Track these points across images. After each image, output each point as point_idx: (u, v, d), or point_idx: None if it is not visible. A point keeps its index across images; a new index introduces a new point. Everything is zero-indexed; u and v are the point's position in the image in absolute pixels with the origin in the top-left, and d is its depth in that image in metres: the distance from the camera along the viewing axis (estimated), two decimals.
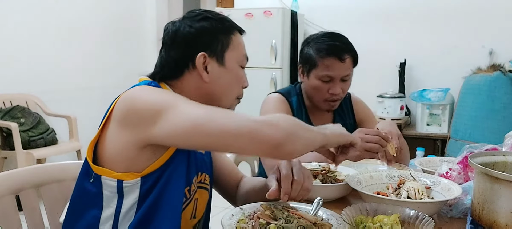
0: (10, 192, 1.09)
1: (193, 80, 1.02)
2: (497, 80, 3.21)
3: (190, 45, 1.02)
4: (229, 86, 1.06)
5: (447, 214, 1.05)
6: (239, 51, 1.07)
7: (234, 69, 1.06)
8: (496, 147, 1.18)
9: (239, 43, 1.08)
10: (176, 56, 1.03)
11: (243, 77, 1.09)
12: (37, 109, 3.55)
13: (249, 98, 1.27)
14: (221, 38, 1.03)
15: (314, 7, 4.14)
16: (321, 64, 1.54)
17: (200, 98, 1.00)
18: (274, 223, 0.88)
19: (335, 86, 1.54)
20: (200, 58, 1.00)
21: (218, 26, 1.04)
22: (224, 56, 1.03)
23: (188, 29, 1.02)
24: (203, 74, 1.01)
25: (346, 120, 1.72)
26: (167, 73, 1.03)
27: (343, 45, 1.57)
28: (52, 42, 3.71)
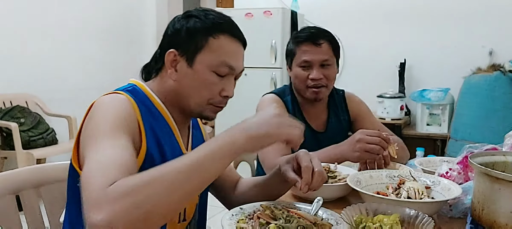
0: (10, 192, 1.09)
1: (167, 78, 1.01)
2: (497, 80, 3.21)
3: (166, 42, 1.02)
4: (194, 90, 0.99)
5: (447, 214, 1.05)
6: (216, 56, 0.98)
7: (203, 74, 0.98)
8: (496, 147, 1.18)
9: (221, 47, 0.99)
10: (158, 52, 1.04)
11: (218, 85, 1.00)
12: (37, 109, 3.55)
13: (249, 98, 1.28)
14: (197, 38, 0.98)
15: (314, 7, 4.14)
16: (299, 51, 1.61)
17: (172, 97, 1.02)
18: (274, 223, 0.88)
19: (314, 71, 1.58)
20: (170, 55, 0.99)
21: (198, 26, 0.99)
22: (194, 58, 0.98)
23: (171, 27, 1.02)
24: (169, 71, 0.99)
25: (340, 116, 1.74)
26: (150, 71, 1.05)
27: (318, 32, 1.62)
28: (52, 42, 3.71)
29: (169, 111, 1.03)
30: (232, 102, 1.09)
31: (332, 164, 1.33)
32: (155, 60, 1.05)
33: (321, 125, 1.71)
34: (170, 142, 1.01)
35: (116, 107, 0.91)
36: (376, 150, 1.30)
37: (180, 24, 1.01)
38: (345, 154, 1.36)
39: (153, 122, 0.98)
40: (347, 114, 1.76)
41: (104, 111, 0.90)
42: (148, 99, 1.00)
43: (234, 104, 1.76)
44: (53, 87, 3.72)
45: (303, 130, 0.85)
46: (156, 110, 1.00)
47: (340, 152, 1.38)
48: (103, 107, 0.91)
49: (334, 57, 1.63)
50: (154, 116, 0.99)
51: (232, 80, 1.04)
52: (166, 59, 0.99)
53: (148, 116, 0.97)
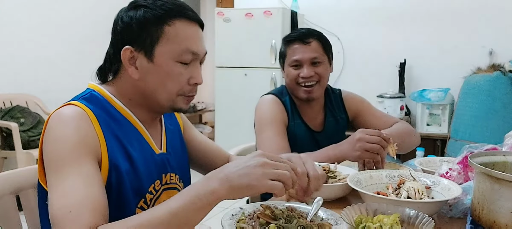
0: (10, 192, 1.09)
1: (128, 77, 0.94)
2: (497, 80, 3.21)
3: (118, 38, 0.93)
4: (160, 85, 0.93)
5: (447, 214, 1.05)
6: (176, 45, 0.92)
7: (166, 66, 0.92)
8: (496, 147, 1.18)
9: (178, 34, 0.92)
10: (111, 49, 0.96)
11: (184, 74, 0.94)
12: (37, 109, 3.56)
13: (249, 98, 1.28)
14: (150, 30, 0.91)
15: (314, 7, 4.14)
16: (289, 51, 1.64)
17: (138, 96, 0.96)
18: (274, 223, 0.88)
19: (304, 69, 1.59)
20: (126, 52, 0.91)
21: (149, 15, 0.91)
22: (153, 51, 0.91)
23: (120, 21, 0.94)
24: (130, 70, 0.92)
25: (337, 115, 1.74)
26: (108, 68, 0.98)
27: (307, 31, 1.65)
28: (52, 42, 3.71)
29: (133, 113, 0.97)
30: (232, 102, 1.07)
31: (332, 164, 1.33)
32: (110, 61, 0.97)
33: (318, 124, 1.71)
34: (139, 146, 0.97)
35: (73, 128, 0.85)
36: (376, 149, 1.30)
37: (128, 16, 0.93)
38: (345, 153, 1.36)
39: (115, 128, 0.93)
40: (345, 113, 1.76)
41: (60, 135, 0.85)
42: (108, 104, 0.95)
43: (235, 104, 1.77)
44: (53, 87, 3.72)
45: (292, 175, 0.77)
46: (118, 114, 0.95)
47: (339, 151, 1.38)
48: (59, 130, 0.86)
49: (325, 55, 1.63)
50: (117, 122, 0.94)
51: (198, 65, 0.98)
52: (123, 57, 0.92)
53: (109, 123, 0.92)
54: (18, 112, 3.35)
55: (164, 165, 1.03)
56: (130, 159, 0.93)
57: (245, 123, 3.49)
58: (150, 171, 0.98)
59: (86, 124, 0.87)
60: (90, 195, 0.79)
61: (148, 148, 1.00)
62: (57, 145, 0.84)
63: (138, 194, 0.94)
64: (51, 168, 0.84)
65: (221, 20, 3.94)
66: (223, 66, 3.97)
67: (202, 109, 5.85)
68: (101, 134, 0.89)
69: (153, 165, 0.99)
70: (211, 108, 5.85)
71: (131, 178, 0.93)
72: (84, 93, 0.97)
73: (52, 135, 0.86)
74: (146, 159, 0.97)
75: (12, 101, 3.43)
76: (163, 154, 1.03)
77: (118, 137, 0.92)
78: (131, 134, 0.96)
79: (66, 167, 0.82)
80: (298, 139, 1.62)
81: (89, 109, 0.90)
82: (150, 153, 0.99)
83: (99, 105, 0.93)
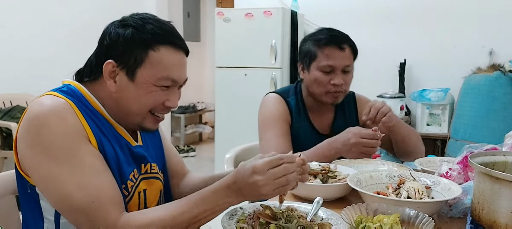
0: (10, 192, 1.09)
1: (105, 87, 0.97)
2: (497, 80, 3.21)
3: (103, 50, 0.97)
4: (135, 101, 0.96)
5: (447, 214, 1.05)
6: (158, 71, 0.94)
7: (145, 88, 0.95)
8: (496, 147, 1.18)
9: (162, 61, 0.94)
10: (95, 58, 0.99)
11: (161, 96, 0.97)
12: None
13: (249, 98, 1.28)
14: (135, 51, 0.94)
15: (314, 7, 4.14)
16: (321, 54, 1.53)
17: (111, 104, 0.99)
18: (274, 223, 0.88)
19: (336, 76, 1.52)
20: (108, 66, 0.95)
21: (136, 37, 0.94)
22: (135, 72, 0.94)
23: (109, 34, 0.97)
24: (108, 82, 0.95)
25: (347, 118, 1.71)
26: (87, 73, 1.00)
27: (341, 35, 1.57)
28: (52, 42, 3.71)
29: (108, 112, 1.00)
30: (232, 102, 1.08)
31: (332, 164, 1.33)
32: (91, 68, 1.00)
33: (326, 127, 1.68)
34: (115, 138, 0.99)
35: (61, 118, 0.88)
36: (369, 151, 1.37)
37: (117, 33, 0.96)
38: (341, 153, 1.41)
39: (95, 119, 0.96)
40: (356, 115, 1.73)
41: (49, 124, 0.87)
42: (84, 99, 0.97)
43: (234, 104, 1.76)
44: (53, 87, 3.72)
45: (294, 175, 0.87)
46: (95, 110, 0.98)
47: (334, 149, 1.41)
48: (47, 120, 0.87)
49: (353, 63, 1.59)
50: (95, 115, 0.97)
51: (176, 90, 1.01)
52: (104, 70, 0.95)
53: (89, 114, 0.95)
54: (18, 112, 3.35)
55: (143, 156, 1.06)
56: (111, 145, 0.97)
57: (245, 123, 3.49)
58: (128, 161, 1.01)
59: (70, 113, 0.91)
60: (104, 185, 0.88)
61: (124, 140, 1.02)
62: (50, 137, 0.87)
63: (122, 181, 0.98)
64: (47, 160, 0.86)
65: (221, 20, 3.94)
66: (223, 66, 3.97)
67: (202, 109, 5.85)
68: (86, 124, 0.92)
69: (130, 156, 1.02)
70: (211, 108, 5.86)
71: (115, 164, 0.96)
72: (60, 87, 1.00)
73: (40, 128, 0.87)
74: (123, 149, 1.01)
75: (12, 101, 3.44)
76: (139, 146, 1.06)
77: (98, 126, 0.96)
78: (107, 128, 0.99)
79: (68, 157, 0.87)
80: (303, 141, 1.59)
81: (69, 99, 0.93)
82: (126, 145, 1.02)
83: (76, 98, 0.95)
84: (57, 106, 0.90)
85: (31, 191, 0.95)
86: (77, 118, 0.91)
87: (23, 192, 0.97)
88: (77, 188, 0.86)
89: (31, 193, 0.95)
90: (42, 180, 0.89)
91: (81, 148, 0.89)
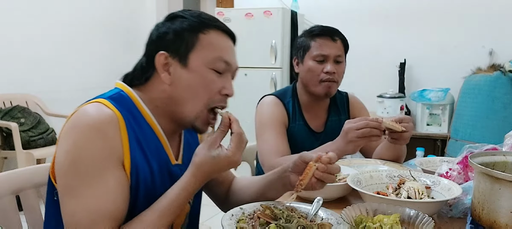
0: (10, 192, 1.09)
1: (159, 84, 0.96)
2: (497, 80, 3.21)
3: (154, 46, 0.96)
4: (192, 91, 0.94)
5: (447, 214, 1.05)
6: (210, 52, 0.95)
7: (200, 71, 0.94)
8: (496, 147, 1.18)
9: (212, 43, 0.96)
10: (143, 59, 0.99)
11: (217, 83, 0.96)
12: (37, 109, 3.56)
13: (249, 98, 1.28)
14: (186, 37, 0.94)
15: (314, 7, 4.14)
16: (314, 44, 1.62)
17: (165, 104, 0.97)
18: (274, 223, 0.88)
19: (329, 65, 1.59)
20: (160, 57, 0.94)
21: (185, 25, 0.95)
22: (188, 57, 0.94)
23: (156, 31, 0.98)
24: (163, 75, 0.94)
25: (341, 116, 1.74)
26: (137, 77, 0.99)
27: (333, 29, 1.66)
28: (52, 42, 3.71)
29: (157, 121, 0.98)
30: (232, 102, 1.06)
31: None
32: (142, 69, 0.98)
33: (320, 125, 1.71)
34: (158, 155, 0.97)
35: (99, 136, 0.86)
36: (367, 132, 1.33)
37: (166, 26, 0.97)
38: (342, 148, 1.37)
39: (139, 132, 0.93)
40: (348, 115, 1.76)
41: (86, 141, 0.85)
42: (135, 108, 0.95)
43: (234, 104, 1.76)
44: (53, 87, 3.72)
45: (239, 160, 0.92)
46: (143, 120, 0.96)
47: (336, 148, 1.39)
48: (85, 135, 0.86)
49: (344, 56, 1.67)
50: (141, 127, 0.94)
51: (230, 77, 1.00)
52: (157, 62, 0.94)
53: (134, 126, 0.93)
54: (18, 112, 3.35)
55: (178, 176, 1.00)
56: (150, 167, 0.94)
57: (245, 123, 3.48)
58: (164, 181, 0.98)
59: (113, 129, 0.88)
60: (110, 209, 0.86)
61: (165, 157, 0.99)
62: (83, 151, 0.85)
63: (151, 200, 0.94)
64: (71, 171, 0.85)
65: (221, 20, 3.93)
66: None
67: None
68: (126, 139, 0.89)
69: (167, 175, 0.99)
70: None
71: (147, 185, 0.94)
72: (112, 92, 0.97)
73: (76, 139, 0.86)
74: (162, 168, 0.98)
75: (12, 101, 3.43)
76: (178, 165, 1.03)
77: (140, 142, 0.93)
78: (151, 141, 0.96)
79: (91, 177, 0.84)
80: (299, 141, 1.62)
81: (117, 110, 0.90)
82: (165, 162, 0.99)
83: (126, 107, 0.93)
84: (101, 120, 0.87)
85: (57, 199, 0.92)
86: (118, 134, 0.88)
87: (50, 199, 0.96)
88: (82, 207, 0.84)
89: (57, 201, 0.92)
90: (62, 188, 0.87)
91: (109, 171, 0.86)
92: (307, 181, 0.94)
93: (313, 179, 0.94)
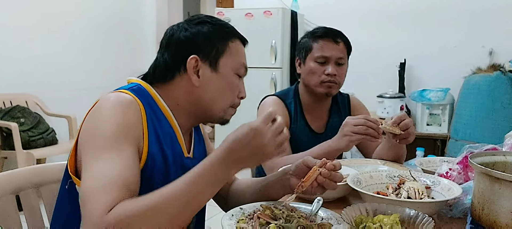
0: (10, 192, 1.09)
1: (184, 84, 1.01)
2: (497, 80, 3.21)
3: (183, 48, 1.01)
4: (220, 93, 1.03)
5: (447, 214, 1.05)
6: (236, 59, 1.04)
7: (228, 76, 1.03)
8: (496, 147, 1.18)
9: (238, 51, 1.05)
10: (169, 59, 1.02)
11: (239, 87, 1.06)
12: (37, 109, 3.55)
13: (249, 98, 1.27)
14: (216, 43, 1.01)
15: (314, 7, 4.14)
16: (316, 46, 1.62)
17: (189, 103, 1.02)
18: (274, 223, 0.88)
19: (330, 67, 1.60)
20: (192, 61, 0.99)
21: (215, 31, 1.02)
22: (218, 62, 1.01)
23: (184, 32, 1.02)
24: (193, 77, 1.00)
25: (341, 117, 1.73)
26: (158, 76, 1.03)
27: (336, 31, 1.66)
28: (52, 42, 3.71)
29: (175, 117, 1.03)
30: None
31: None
32: (165, 68, 1.02)
33: (321, 126, 1.71)
34: (172, 146, 1.01)
35: (120, 112, 0.90)
36: (363, 130, 1.34)
37: (195, 30, 1.02)
38: (337, 143, 1.39)
39: (157, 124, 0.98)
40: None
41: (107, 115, 0.89)
42: (154, 102, 1.00)
43: None
44: (53, 87, 3.72)
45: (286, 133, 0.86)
46: (161, 113, 1.00)
47: (332, 142, 1.41)
48: (107, 110, 0.90)
49: (346, 59, 1.66)
50: (159, 119, 0.99)
51: (243, 82, 1.09)
52: (188, 66, 0.99)
53: (152, 118, 0.97)
54: (18, 112, 3.35)
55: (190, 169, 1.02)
56: (164, 157, 0.98)
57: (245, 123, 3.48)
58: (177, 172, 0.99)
59: (134, 112, 0.93)
60: (124, 176, 0.83)
61: (179, 151, 1.04)
62: (102, 125, 0.88)
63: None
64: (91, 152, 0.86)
65: None
66: None
67: None
68: (145, 125, 0.94)
69: (180, 167, 1.02)
70: None
71: (162, 173, 0.97)
72: (132, 85, 1.02)
73: (98, 116, 0.90)
74: (175, 159, 1.02)
75: (12, 101, 3.43)
76: (189, 158, 1.07)
77: (157, 131, 0.97)
78: (167, 134, 1.00)
79: (107, 150, 0.85)
80: (299, 141, 1.62)
81: (138, 99, 0.95)
82: (179, 156, 1.03)
83: (145, 99, 0.98)
84: (123, 101, 0.92)
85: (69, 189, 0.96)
86: (139, 119, 0.93)
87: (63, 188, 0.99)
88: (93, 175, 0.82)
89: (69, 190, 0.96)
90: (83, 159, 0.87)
91: (127, 145, 0.87)
92: (308, 184, 0.95)
93: (315, 183, 0.95)
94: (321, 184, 0.95)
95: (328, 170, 0.95)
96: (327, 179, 0.95)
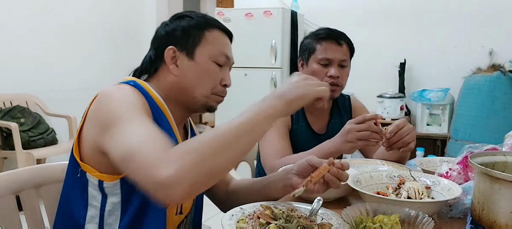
0: (10, 192, 1.09)
1: (166, 75, 1.06)
2: (497, 80, 3.22)
3: (163, 41, 1.06)
4: (198, 80, 1.05)
5: (447, 214, 1.05)
6: (214, 47, 1.07)
7: (205, 64, 1.06)
8: (496, 147, 1.18)
9: (215, 39, 1.08)
10: (152, 53, 1.08)
11: (220, 74, 1.08)
12: (37, 109, 3.55)
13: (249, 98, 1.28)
14: (193, 34, 1.05)
15: (314, 7, 4.14)
16: (319, 47, 1.61)
17: (175, 92, 1.06)
18: (274, 223, 0.88)
19: (333, 69, 1.59)
20: (169, 51, 1.04)
21: (192, 23, 1.07)
22: (194, 51, 1.05)
23: (165, 28, 1.08)
24: (171, 67, 1.04)
25: (342, 119, 1.73)
26: (145, 70, 1.09)
27: (340, 33, 1.65)
28: (52, 42, 3.71)
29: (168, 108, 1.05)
30: (232, 102, 1.11)
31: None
32: (150, 63, 1.08)
33: (322, 127, 1.71)
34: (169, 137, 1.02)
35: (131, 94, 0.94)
36: (367, 136, 1.33)
37: (174, 24, 1.08)
38: (339, 147, 1.38)
39: (156, 116, 1.01)
40: (350, 118, 1.75)
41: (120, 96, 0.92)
42: (148, 95, 1.02)
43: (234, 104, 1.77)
44: (53, 87, 3.72)
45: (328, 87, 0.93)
46: (157, 106, 1.03)
47: (333, 145, 1.39)
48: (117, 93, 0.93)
49: (349, 61, 1.65)
50: (156, 111, 1.02)
51: (228, 70, 1.12)
52: (166, 55, 1.04)
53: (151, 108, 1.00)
54: (18, 112, 3.35)
55: None
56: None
57: None
58: None
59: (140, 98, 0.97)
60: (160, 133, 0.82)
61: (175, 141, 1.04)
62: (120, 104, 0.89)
63: None
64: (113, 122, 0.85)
65: (221, 20, 3.92)
66: None
67: None
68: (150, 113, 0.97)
69: None
70: None
71: None
72: (128, 81, 1.04)
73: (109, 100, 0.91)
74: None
75: (12, 101, 3.43)
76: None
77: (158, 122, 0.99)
78: (165, 126, 1.02)
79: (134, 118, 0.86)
80: (301, 142, 1.62)
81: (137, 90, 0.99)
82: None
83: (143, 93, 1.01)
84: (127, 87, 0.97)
85: (81, 176, 0.97)
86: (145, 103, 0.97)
87: (72, 177, 1.00)
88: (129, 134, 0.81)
89: (80, 178, 0.97)
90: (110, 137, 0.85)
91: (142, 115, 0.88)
92: (317, 180, 0.95)
93: (321, 180, 0.96)
94: (326, 182, 0.96)
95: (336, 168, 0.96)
96: (334, 177, 0.95)
